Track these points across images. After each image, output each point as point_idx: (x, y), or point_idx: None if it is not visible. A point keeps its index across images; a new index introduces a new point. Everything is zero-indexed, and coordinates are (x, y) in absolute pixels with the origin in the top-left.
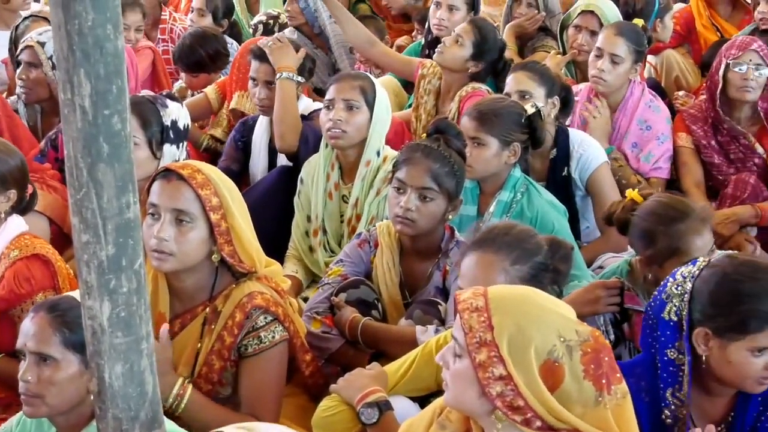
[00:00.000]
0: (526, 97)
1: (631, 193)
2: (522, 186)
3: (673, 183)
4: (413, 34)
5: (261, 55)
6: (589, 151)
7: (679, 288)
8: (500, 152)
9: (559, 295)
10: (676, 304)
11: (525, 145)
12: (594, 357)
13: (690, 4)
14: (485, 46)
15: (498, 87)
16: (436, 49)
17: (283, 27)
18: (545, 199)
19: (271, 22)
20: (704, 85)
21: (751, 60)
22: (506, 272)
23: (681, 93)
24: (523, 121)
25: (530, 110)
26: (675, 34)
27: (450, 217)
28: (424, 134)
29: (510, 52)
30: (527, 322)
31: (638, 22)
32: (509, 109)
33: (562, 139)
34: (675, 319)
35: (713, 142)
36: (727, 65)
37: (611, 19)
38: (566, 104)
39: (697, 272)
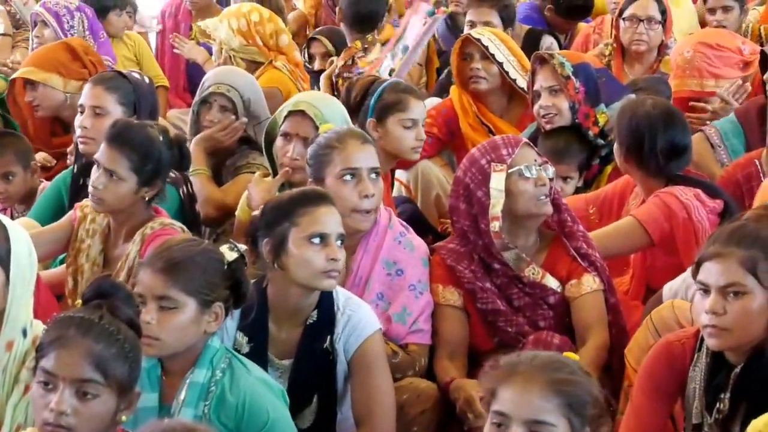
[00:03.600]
0: None
1: None
2: (223, 360)
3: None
4: (69, 149)
5: None
6: (359, 314)
7: None
8: (199, 317)
9: None
10: None
11: (227, 305)
12: None
13: (451, 97)
14: (146, 163)
15: (186, 190)
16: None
17: None
18: (256, 377)
19: None
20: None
21: (535, 160)
22: None
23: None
24: (225, 270)
25: (231, 255)
26: (432, 138)
27: (124, 418)
28: (80, 301)
29: (201, 177)
30: None
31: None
32: (208, 255)
33: (325, 299)
34: None
35: (488, 284)
36: (509, 175)
37: (331, 120)
38: None
39: None
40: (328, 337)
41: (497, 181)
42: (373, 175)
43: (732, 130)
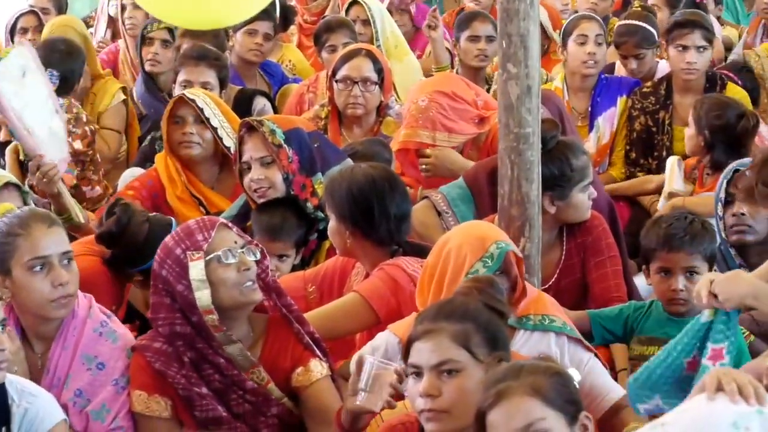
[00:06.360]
0: None
1: None
2: None
3: None
4: None
5: None
6: (36, 405)
7: None
8: None
9: None
10: None
11: None
12: None
13: (156, 166)
14: None
15: None
16: None
17: None
18: None
19: None
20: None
21: (236, 242)
22: None
23: None
24: None
25: None
26: None
27: None
28: None
29: None
30: None
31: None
32: None
33: None
34: None
35: (205, 390)
36: (208, 262)
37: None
38: None
39: None
40: (3, 429)
41: (196, 271)
42: (66, 261)
43: (460, 195)
